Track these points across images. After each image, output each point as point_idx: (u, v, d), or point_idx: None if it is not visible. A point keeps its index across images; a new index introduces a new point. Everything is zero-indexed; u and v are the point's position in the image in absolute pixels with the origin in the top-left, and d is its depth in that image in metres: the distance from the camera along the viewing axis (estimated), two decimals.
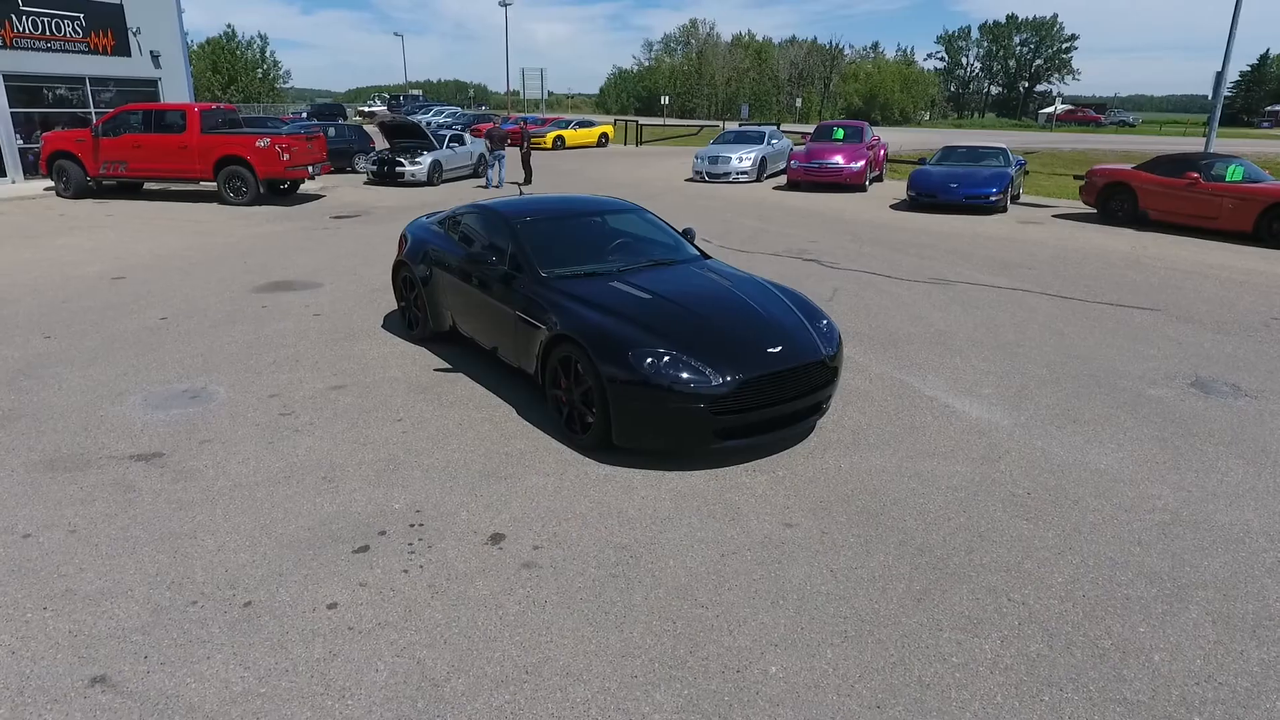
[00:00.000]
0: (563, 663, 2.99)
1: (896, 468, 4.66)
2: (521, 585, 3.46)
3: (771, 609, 3.33)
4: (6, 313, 7.68)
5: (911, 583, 3.53)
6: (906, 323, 7.69)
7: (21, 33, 16.87)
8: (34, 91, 17.61)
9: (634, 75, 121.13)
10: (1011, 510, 4.18)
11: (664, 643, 3.11)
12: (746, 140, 22.57)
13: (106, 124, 15.57)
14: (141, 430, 4.95)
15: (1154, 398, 5.81)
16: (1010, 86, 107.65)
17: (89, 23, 18.11)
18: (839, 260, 10.73)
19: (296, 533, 3.81)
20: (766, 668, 2.99)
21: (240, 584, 3.41)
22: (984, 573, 3.61)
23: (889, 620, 3.27)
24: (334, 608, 3.27)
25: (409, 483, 4.34)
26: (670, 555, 3.72)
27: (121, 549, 3.65)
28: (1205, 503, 4.30)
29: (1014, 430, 5.21)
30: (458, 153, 21.15)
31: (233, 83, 52.24)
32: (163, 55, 19.72)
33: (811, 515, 4.10)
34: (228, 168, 15.45)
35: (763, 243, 12.06)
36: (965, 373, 6.29)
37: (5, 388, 5.63)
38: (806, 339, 4.81)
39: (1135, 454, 4.88)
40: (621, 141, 38.84)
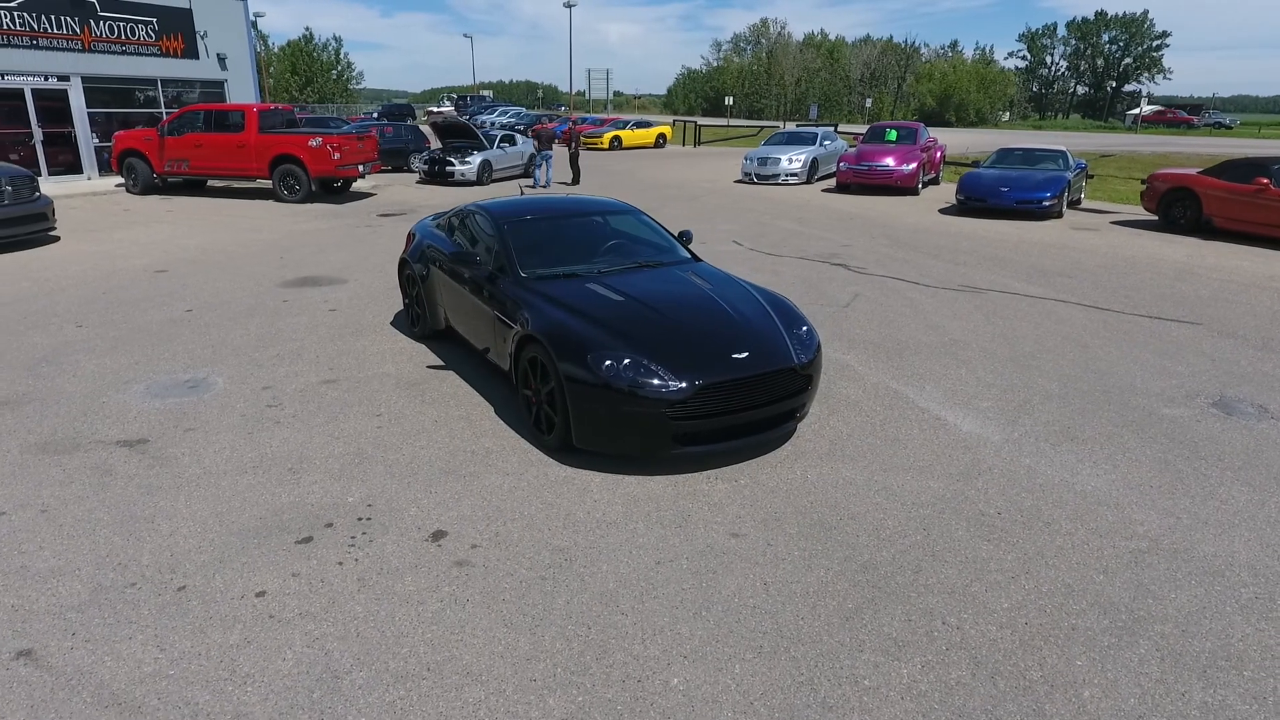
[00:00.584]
0: (466, 662, 3.00)
1: (866, 481, 4.52)
2: (449, 583, 3.49)
3: (692, 620, 3.28)
4: (50, 302, 8.14)
5: (845, 600, 3.42)
6: (920, 331, 7.45)
7: (99, 37, 17.87)
8: (110, 92, 18.60)
9: (702, 76, 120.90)
10: (975, 530, 4.01)
11: (573, 648, 3.09)
12: (798, 141, 22.25)
13: (171, 124, 16.35)
14: (135, 417, 5.18)
15: (1167, 417, 5.49)
16: (1097, 86, 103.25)
17: (160, 27, 19.06)
18: (868, 265, 10.48)
19: (248, 521, 3.93)
20: (669, 679, 2.94)
21: (180, 568, 3.53)
22: (925, 594, 3.47)
23: (809, 638, 3.18)
24: (262, 596, 3.36)
25: (369, 477, 4.42)
26: (605, 560, 3.69)
27: (83, 530, 3.83)
28: (1192, 531, 4.04)
29: (1003, 446, 4.99)
30: (508, 153, 21.46)
31: (309, 84, 54.22)
32: (229, 57, 20.59)
33: (761, 526, 4.02)
34: (282, 166, 16.02)
35: (794, 245, 11.86)
36: (968, 384, 6.06)
37: (25, 372, 5.97)
38: (777, 345, 4.71)
39: (1129, 476, 4.62)
40: (680, 142, 38.77)
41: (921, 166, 18.69)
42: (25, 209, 10.97)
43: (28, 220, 11.01)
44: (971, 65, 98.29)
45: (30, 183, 11.22)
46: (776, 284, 9.26)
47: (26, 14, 16.58)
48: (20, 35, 16.57)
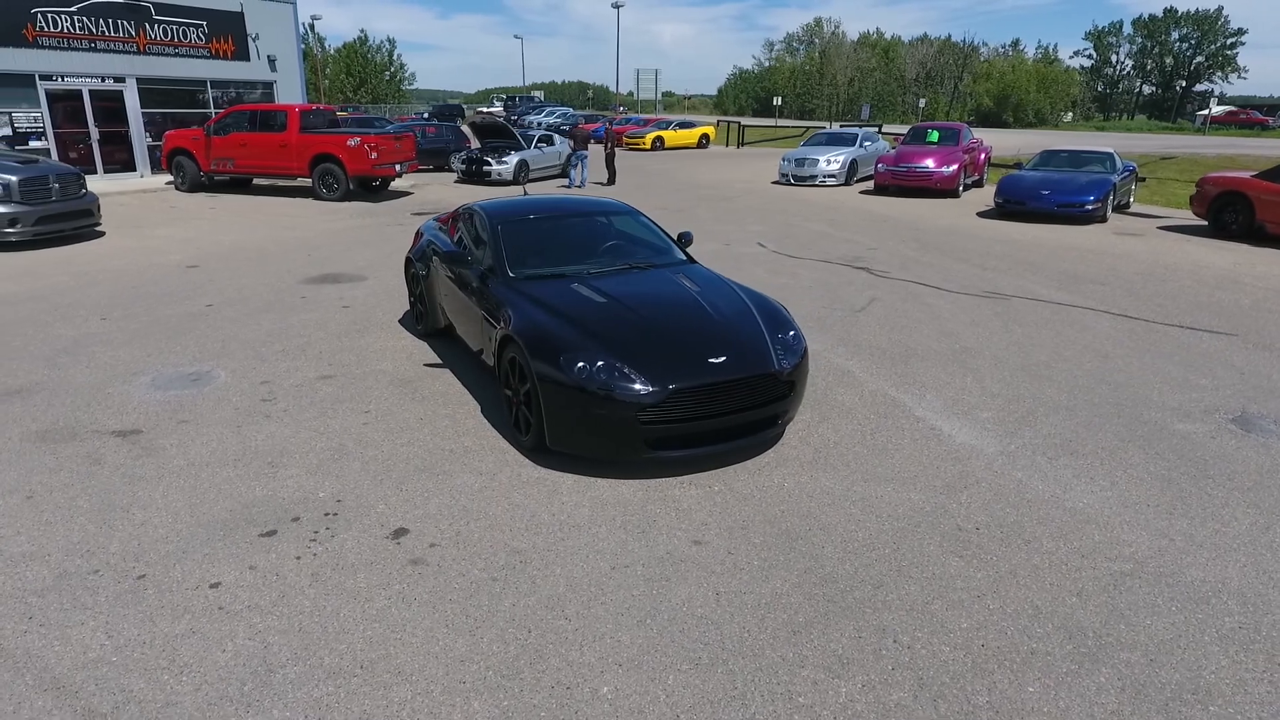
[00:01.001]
0: (400, 661, 3.01)
1: (844, 491, 4.41)
2: (400, 581, 3.51)
3: (635, 628, 3.23)
4: (82, 295, 8.46)
5: (796, 614, 3.33)
6: (932, 337, 7.25)
7: (153, 39, 18.53)
8: (163, 93, 19.27)
9: (753, 76, 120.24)
10: (948, 546, 3.87)
11: (509, 651, 3.07)
12: (838, 142, 21.93)
13: (217, 124, 16.87)
14: (135, 408, 5.34)
15: (1180, 432, 5.24)
16: (1165, 86, 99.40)
17: (212, 29, 19.69)
18: (892, 269, 10.25)
19: (218, 513, 4.01)
20: (599, 688, 2.90)
21: (144, 558, 3.62)
22: (881, 611, 3.36)
23: (751, 651, 3.10)
24: (216, 587, 3.42)
25: (344, 473, 4.48)
26: (561, 564, 3.67)
27: (61, 517, 3.95)
28: (1184, 554, 3.84)
29: (995, 459, 4.82)
30: (545, 153, 21.60)
31: (363, 85, 55.43)
32: (278, 59, 21.17)
33: (726, 534, 3.95)
34: (321, 165, 16.40)
35: (820, 248, 11.68)
36: (971, 394, 5.87)
37: (43, 363, 6.21)
38: (758, 350, 4.63)
39: (1126, 494, 4.41)
40: (723, 143, 38.56)
41: (963, 168, 18.24)
42: (72, 205, 11.43)
43: (74, 216, 11.46)
44: (1032, 64, 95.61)
45: (77, 180, 11.69)
46: (794, 287, 9.14)
47: (85, 18, 17.30)
48: (79, 39, 17.30)
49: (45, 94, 16.98)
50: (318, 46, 55.99)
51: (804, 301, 8.50)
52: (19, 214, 10.63)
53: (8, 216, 10.55)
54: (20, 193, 10.65)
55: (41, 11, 16.63)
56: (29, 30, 16.50)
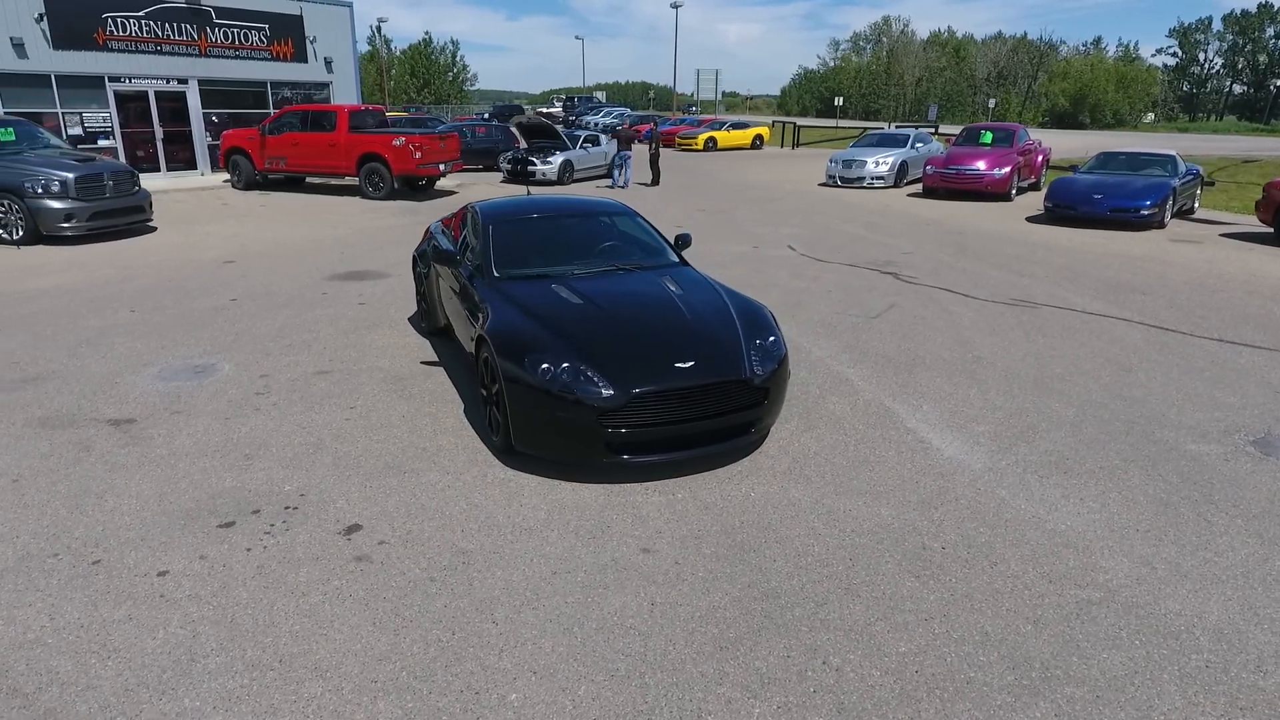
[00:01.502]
0: (319, 658, 3.03)
1: (812, 503, 4.28)
2: (341, 577, 3.54)
3: (560, 635, 3.19)
4: (119, 288, 8.84)
5: (728, 629, 3.24)
6: (945, 346, 7.00)
7: (214, 42, 19.29)
8: (223, 94, 20.04)
9: (818, 76, 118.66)
10: (907, 565, 3.72)
11: (429, 653, 3.07)
12: (888, 143, 21.43)
13: (272, 124, 17.44)
14: (136, 398, 5.54)
15: (1191, 453, 4.93)
16: (1257, 85, 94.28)
17: (272, 32, 20.38)
18: (921, 274, 9.95)
19: (184, 503, 4.12)
20: (507, 694, 2.87)
21: (104, 543, 3.74)
22: (818, 630, 3.25)
23: (672, 665, 3.03)
24: (163, 575, 3.52)
25: (315, 468, 4.55)
26: (503, 566, 3.65)
27: (40, 500, 4.12)
28: (1165, 584, 3.61)
29: (981, 475, 4.62)
30: (590, 153, 21.69)
31: (427, 85, 56.66)
32: (335, 61, 21.78)
33: (678, 543, 3.87)
34: (368, 164, 16.80)
35: (851, 252, 11.42)
36: (972, 406, 5.65)
37: (65, 352, 6.50)
38: (729, 356, 4.53)
39: (1115, 517, 4.17)
40: (778, 143, 38.12)
41: (1016, 171, 17.62)
42: (125, 201, 11.97)
43: (127, 212, 12.00)
44: (1111, 63, 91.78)
45: (130, 178, 12.23)
46: (813, 291, 8.95)
47: (152, 22, 18.11)
48: (145, 42, 18.12)
49: (113, 95, 17.85)
50: (384, 48, 57.66)
51: (819, 306, 8.31)
52: (74, 209, 11.18)
53: (64, 212, 11.10)
54: (76, 189, 11.20)
55: (111, 16, 17.48)
56: (99, 34, 17.37)
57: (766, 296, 8.68)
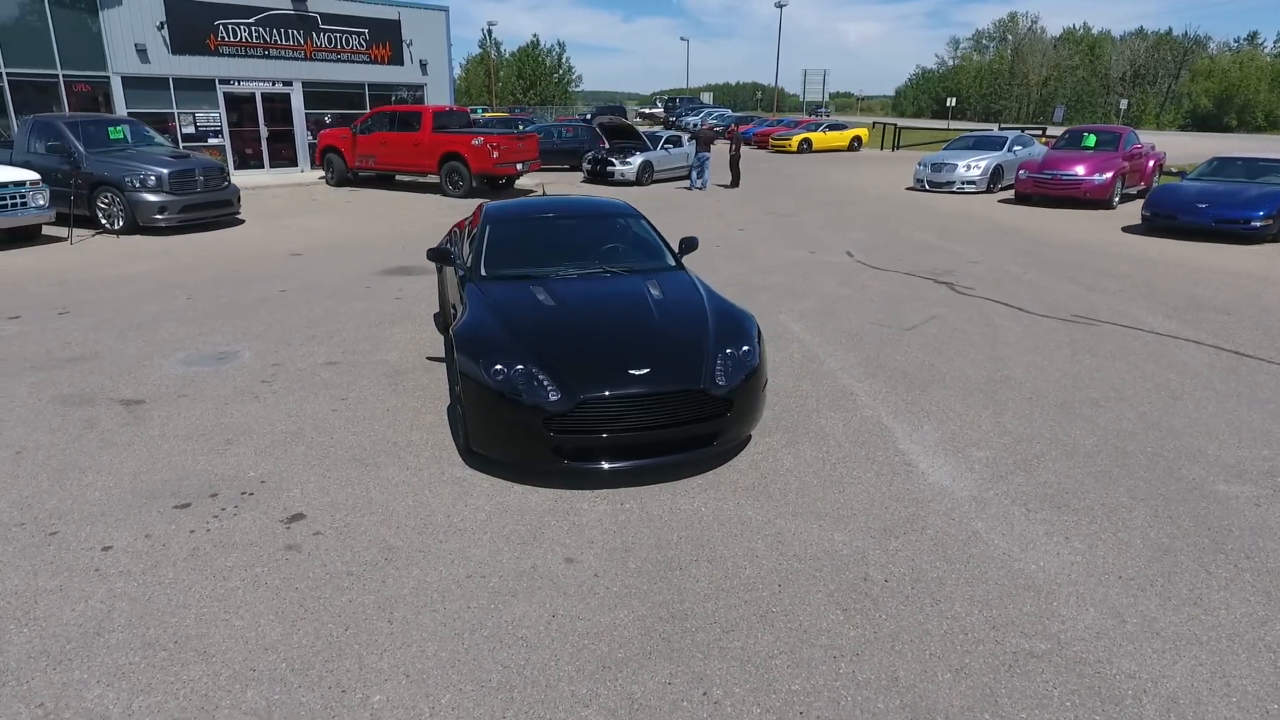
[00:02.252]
0: (212, 641, 3.12)
1: (762, 523, 4.09)
2: (264, 564, 3.64)
3: (448, 640, 3.16)
4: (188, 276, 9.46)
5: (620, 648, 3.13)
6: (974, 363, 6.56)
7: (318, 46, 20.38)
8: (324, 95, 21.15)
9: (935, 76, 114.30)
10: (839, 596, 3.49)
11: (315, 647, 3.11)
12: (984, 146, 20.36)
13: (363, 124, 18.27)
14: (154, 381, 5.89)
15: (1217, 494, 4.42)
16: None
17: (371, 36, 21.36)
18: (979, 285, 9.38)
19: (154, 483, 4.35)
20: (371, 695, 2.86)
21: (68, 516, 3.99)
22: (714, 658, 3.09)
23: (547, 682, 2.95)
24: (107, 550, 3.71)
25: (286, 456, 4.71)
26: (422, 566, 3.66)
27: (30, 472, 4.44)
28: (1130, 641, 3.24)
29: (962, 504, 4.29)
30: (671, 154, 21.65)
31: (533, 87, 58.05)
32: (429, 63, 22.62)
33: (606, 555, 3.77)
34: (449, 163, 17.35)
35: (912, 260, 10.90)
36: (979, 428, 5.26)
37: (114, 335, 7.00)
38: (688, 365, 4.38)
39: (1100, 561, 3.78)
40: (878, 145, 36.90)
41: (1120, 177, 16.39)
42: (214, 196, 12.81)
43: (216, 205, 12.84)
44: (1267, 60, 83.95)
45: (220, 174, 13.07)
46: (854, 300, 8.59)
47: (260, 28, 19.33)
48: (254, 47, 19.35)
49: (223, 96, 19.16)
50: (494, 50, 59.47)
51: (853, 316, 7.97)
52: (167, 202, 12.05)
53: (158, 204, 11.98)
54: (170, 184, 12.07)
55: (223, 23, 18.77)
56: (211, 40, 18.68)
57: (801, 304, 8.40)
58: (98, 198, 12.00)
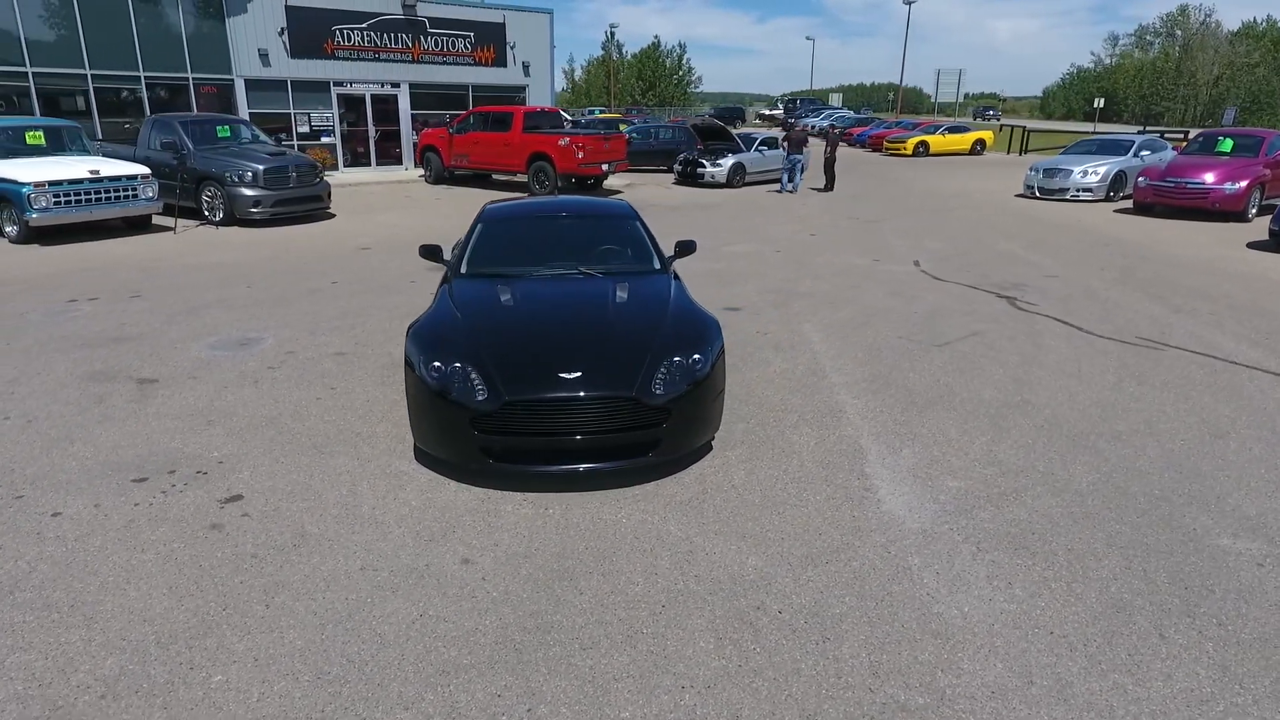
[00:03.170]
0: (102, 609, 3.31)
1: (678, 540, 3.93)
2: (182, 540, 3.83)
3: (309, 630, 3.22)
4: (261, 266, 10.13)
5: (468, 655, 3.09)
6: (995, 385, 6.07)
7: (425, 50, 21.34)
8: (429, 97, 22.12)
9: (1090, 75, 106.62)
10: (721, 625, 3.31)
11: (188, 624, 3.24)
12: (1107, 150, 18.80)
13: (459, 124, 18.98)
14: (175, 362, 6.34)
15: (1216, 549, 3.89)
16: None
17: (477, 39, 22.16)
18: (1045, 302, 8.67)
19: (126, 457, 4.67)
20: (213, 675, 2.96)
21: (40, 482, 4.35)
22: (558, 676, 2.99)
23: (380, 680, 2.95)
24: (56, 516, 4.02)
25: (253, 439, 4.94)
26: (324, 555, 3.74)
27: (30, 439, 4.87)
28: (1028, 706, 2.90)
29: (907, 537, 3.97)
30: (766, 156, 21.25)
31: (652, 88, 58.48)
32: (532, 65, 23.21)
33: (504, 559, 3.74)
34: (536, 163, 17.75)
35: (980, 271, 10.21)
36: (964, 456, 4.86)
37: (164, 319, 7.59)
38: (623, 371, 4.27)
39: (1039, 613, 3.40)
40: (1004, 149, 34.78)
41: (1259, 186, 14.71)
42: (306, 191, 13.66)
43: (307, 200, 13.69)
44: None
45: (313, 170, 13.92)
46: (898, 312, 8.15)
47: (372, 32, 20.45)
48: (366, 50, 20.50)
49: (336, 97, 20.41)
50: (615, 52, 60.41)
51: (883, 330, 7.55)
52: (262, 196, 12.95)
53: (253, 198, 12.90)
54: (265, 179, 12.97)
55: (339, 28, 19.98)
56: (328, 44, 19.93)
57: (835, 314, 8.04)
58: (202, 191, 13.06)
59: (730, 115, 57.00)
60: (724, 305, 8.39)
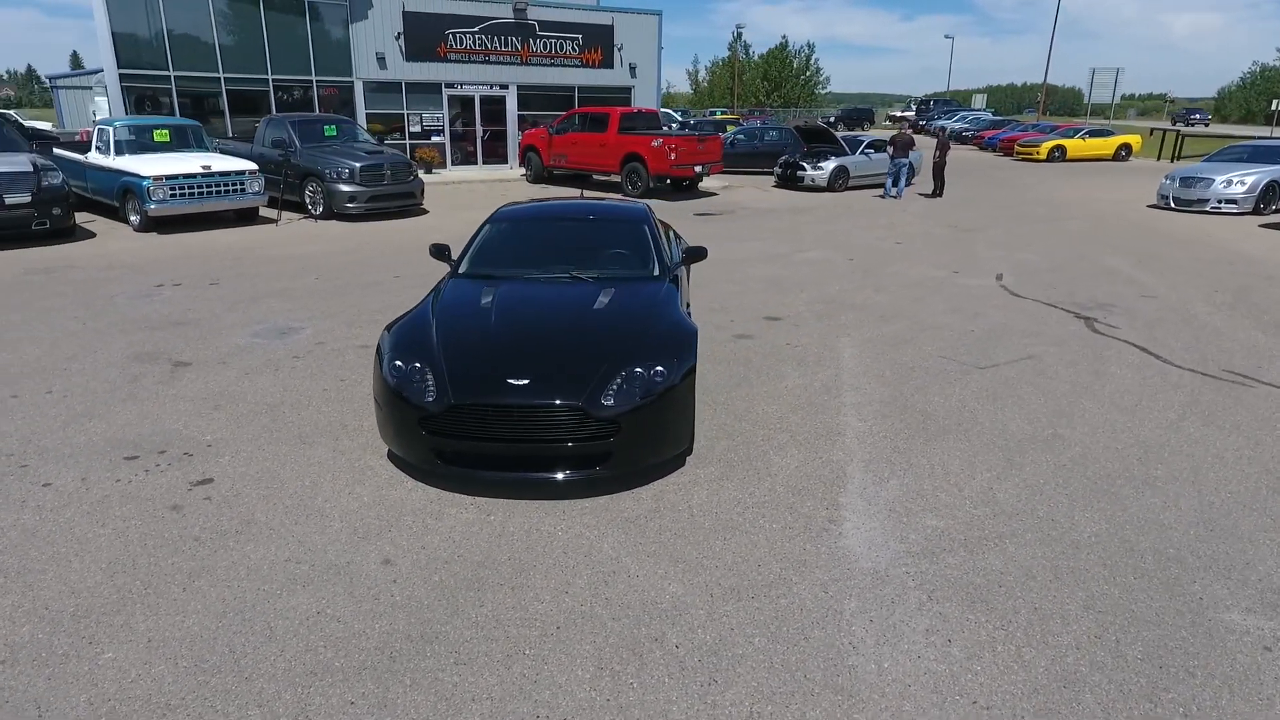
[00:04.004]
0: (41, 579, 3.53)
1: (608, 560, 3.79)
2: (143, 519, 4.04)
3: (209, 616, 3.31)
4: (334, 259, 10.67)
5: (342, 658, 3.08)
6: (1026, 417, 5.52)
7: (534, 52, 21.86)
8: (536, 98, 22.63)
9: (1276, 74, 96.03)
10: (608, 655, 3.15)
11: (106, 600, 3.40)
12: (1261, 157, 16.81)
13: (559, 124, 19.31)
14: (216, 347, 6.75)
15: (1218, 624, 3.36)
16: None
17: (585, 41, 22.47)
18: (1128, 325, 7.84)
19: (129, 435, 5.00)
20: (105, 652, 3.09)
21: (49, 454, 4.72)
22: (419, 690, 2.94)
23: (248, 675, 2.99)
24: (46, 486, 4.35)
25: (248, 425, 5.18)
26: (259, 543, 3.84)
27: (57, 413, 5.30)
28: None
29: (853, 577, 3.66)
30: (872, 159, 20.41)
31: (777, 89, 57.48)
32: (639, 66, 23.30)
33: (424, 563, 3.72)
34: (630, 164, 17.81)
35: (1068, 289, 9.36)
36: (956, 493, 4.43)
37: (226, 305, 8.11)
38: (572, 380, 4.16)
39: (967, 679, 3.05)
40: (1154, 154, 31.82)
41: None
42: (400, 188, 14.29)
43: (400, 196, 14.32)
44: None
45: (407, 168, 14.54)
46: (955, 329, 7.62)
47: (484, 36, 21.15)
48: (477, 53, 21.22)
49: (447, 99, 21.25)
50: (741, 52, 59.76)
51: (926, 347, 7.04)
52: (357, 192, 13.65)
53: (348, 194, 13.62)
54: (361, 176, 13.66)
55: (453, 32, 20.79)
56: (441, 48, 20.77)
57: (881, 328, 7.59)
58: (306, 186, 13.91)
59: (858, 117, 55.22)
60: (765, 315, 8.09)
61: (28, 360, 6.33)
